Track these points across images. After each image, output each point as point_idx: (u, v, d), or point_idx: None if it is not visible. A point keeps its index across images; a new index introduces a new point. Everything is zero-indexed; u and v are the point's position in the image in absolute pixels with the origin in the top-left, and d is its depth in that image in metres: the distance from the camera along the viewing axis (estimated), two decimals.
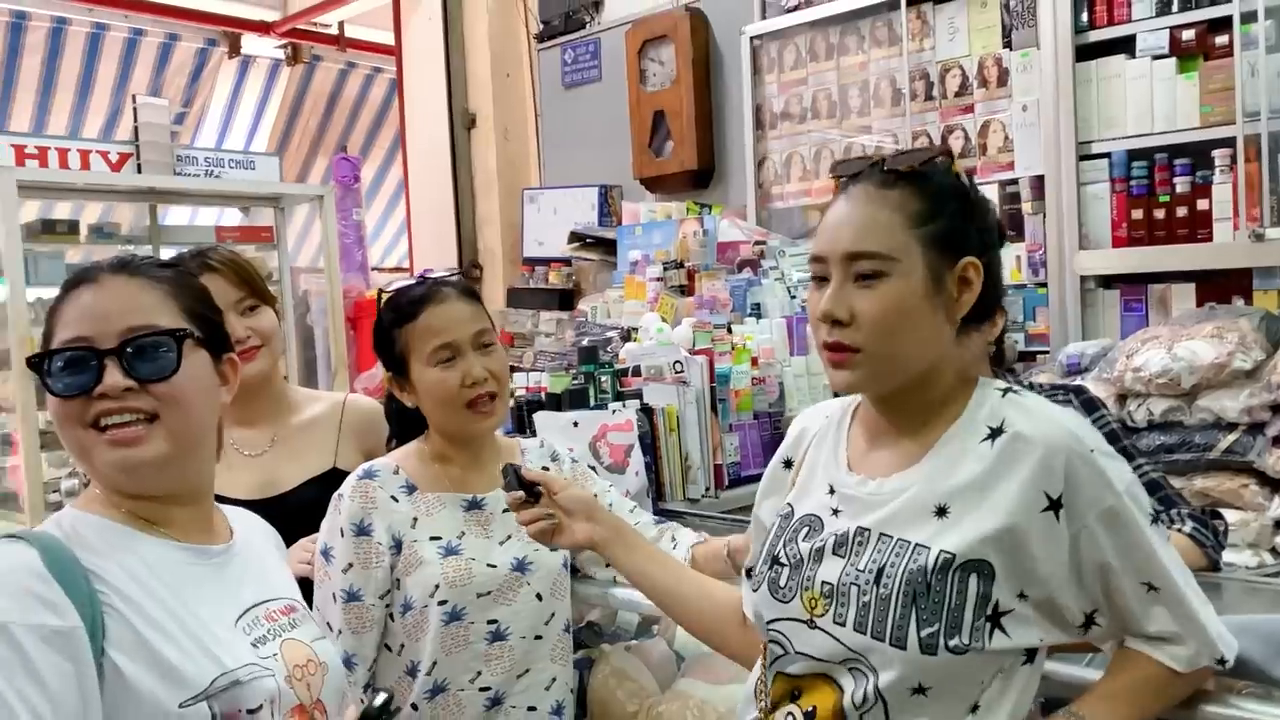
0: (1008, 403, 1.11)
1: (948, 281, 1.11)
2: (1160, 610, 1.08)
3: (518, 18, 4.82)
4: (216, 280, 1.84)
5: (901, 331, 1.10)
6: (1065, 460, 1.05)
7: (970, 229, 1.12)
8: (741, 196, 3.80)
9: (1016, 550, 1.05)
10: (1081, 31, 2.89)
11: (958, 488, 1.08)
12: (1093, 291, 2.91)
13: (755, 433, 2.62)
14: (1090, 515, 1.05)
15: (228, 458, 1.83)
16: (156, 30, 6.28)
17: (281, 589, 1.22)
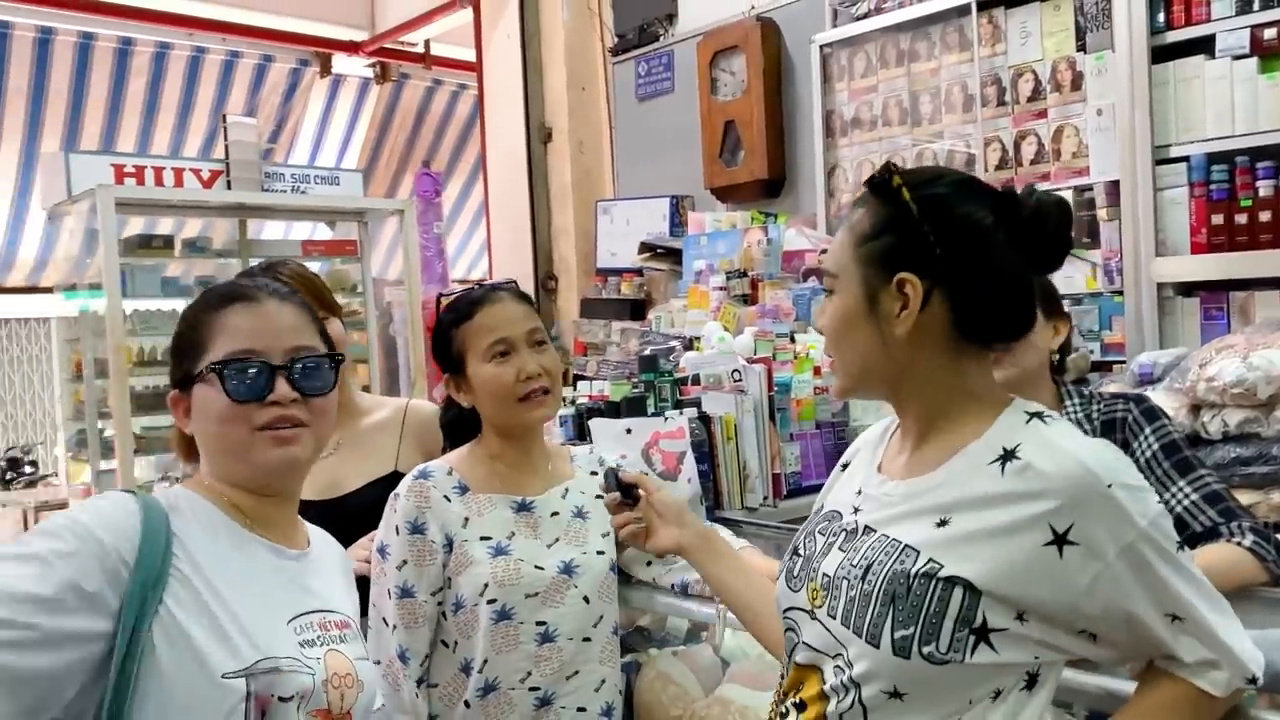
0: (1030, 429, 1.08)
1: (883, 296, 1.11)
2: (1188, 639, 1.05)
3: (593, 33, 4.89)
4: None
5: (843, 342, 1.15)
6: (1077, 496, 1.01)
7: (915, 246, 1.09)
8: (812, 205, 3.78)
9: (1009, 581, 1.02)
10: (1158, 33, 2.81)
11: (962, 502, 1.06)
12: (1171, 300, 2.82)
13: (818, 442, 2.61)
14: (1111, 552, 1.01)
15: None
16: (252, 52, 6.56)
17: (342, 605, 1.29)
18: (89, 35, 5.92)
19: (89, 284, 3.81)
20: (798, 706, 1.14)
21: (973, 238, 1.09)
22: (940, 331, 1.10)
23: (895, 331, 1.10)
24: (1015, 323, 1.14)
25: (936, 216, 1.09)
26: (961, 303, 1.09)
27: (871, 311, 1.11)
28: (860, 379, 1.17)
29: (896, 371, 1.13)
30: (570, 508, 1.76)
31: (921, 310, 1.09)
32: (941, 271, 1.09)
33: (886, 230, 1.11)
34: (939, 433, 1.13)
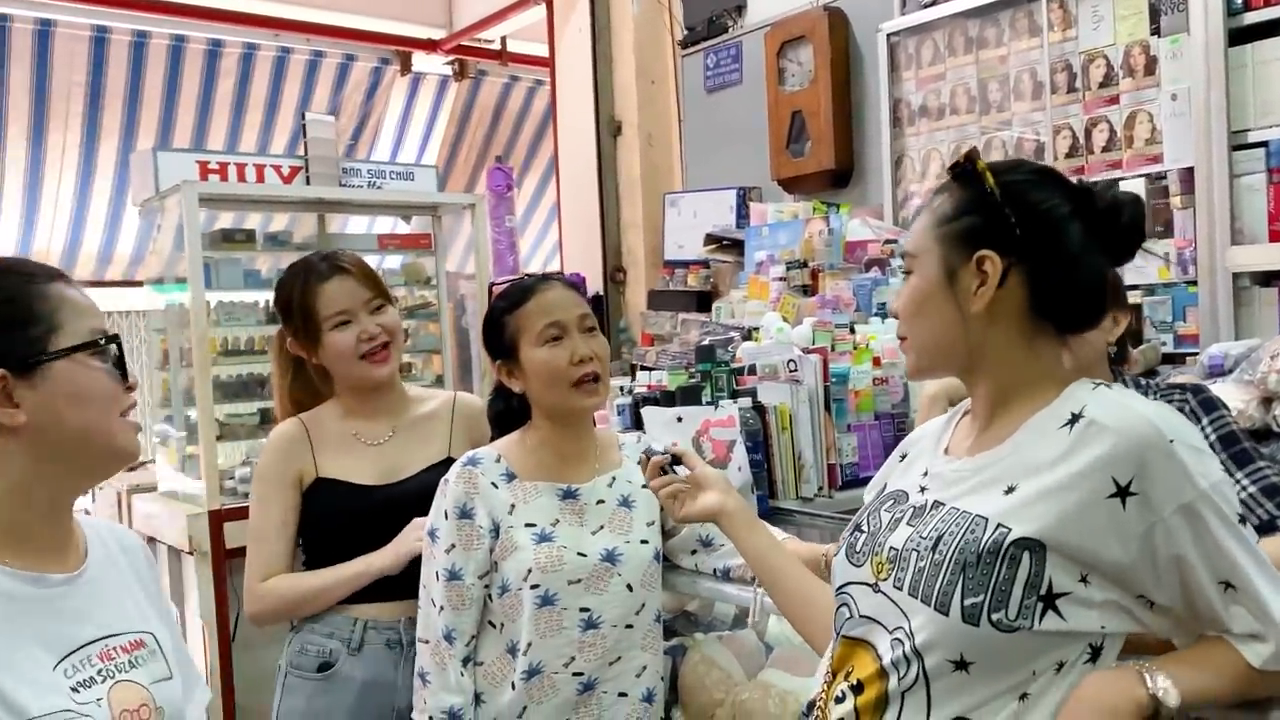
0: (1094, 394, 1.11)
1: (962, 274, 1.15)
2: (1239, 610, 1.06)
3: (663, 26, 4.91)
4: (348, 281, 1.99)
5: (919, 320, 1.20)
6: (1139, 449, 1.03)
7: (995, 226, 1.14)
8: (879, 195, 3.75)
9: (1076, 534, 1.04)
10: (1236, 14, 2.72)
11: (1029, 468, 1.09)
12: (1247, 290, 2.72)
13: (876, 433, 2.60)
14: (1167, 508, 1.03)
15: (351, 446, 2.01)
16: (335, 52, 6.73)
17: (132, 622, 1.15)
18: (180, 38, 6.16)
19: (176, 277, 3.98)
20: (854, 689, 1.15)
21: (1050, 223, 1.14)
22: (1016, 311, 1.15)
23: (973, 308, 1.15)
24: (1088, 309, 1.18)
25: (1017, 200, 1.15)
26: (1038, 284, 1.14)
27: (950, 288, 1.17)
28: (935, 356, 1.21)
29: (971, 349, 1.17)
30: (616, 496, 1.79)
31: (999, 287, 1.14)
32: (1020, 251, 1.14)
33: (968, 211, 1.17)
34: (1008, 410, 1.17)
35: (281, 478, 1.97)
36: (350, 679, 1.91)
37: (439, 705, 1.66)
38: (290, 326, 2.01)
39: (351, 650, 1.92)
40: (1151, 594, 1.07)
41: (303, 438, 2.00)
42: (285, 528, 1.96)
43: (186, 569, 3.86)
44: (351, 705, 1.90)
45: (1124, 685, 1.05)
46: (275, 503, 1.97)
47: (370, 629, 1.93)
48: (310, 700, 1.93)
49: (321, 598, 1.94)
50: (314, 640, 1.94)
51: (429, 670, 1.69)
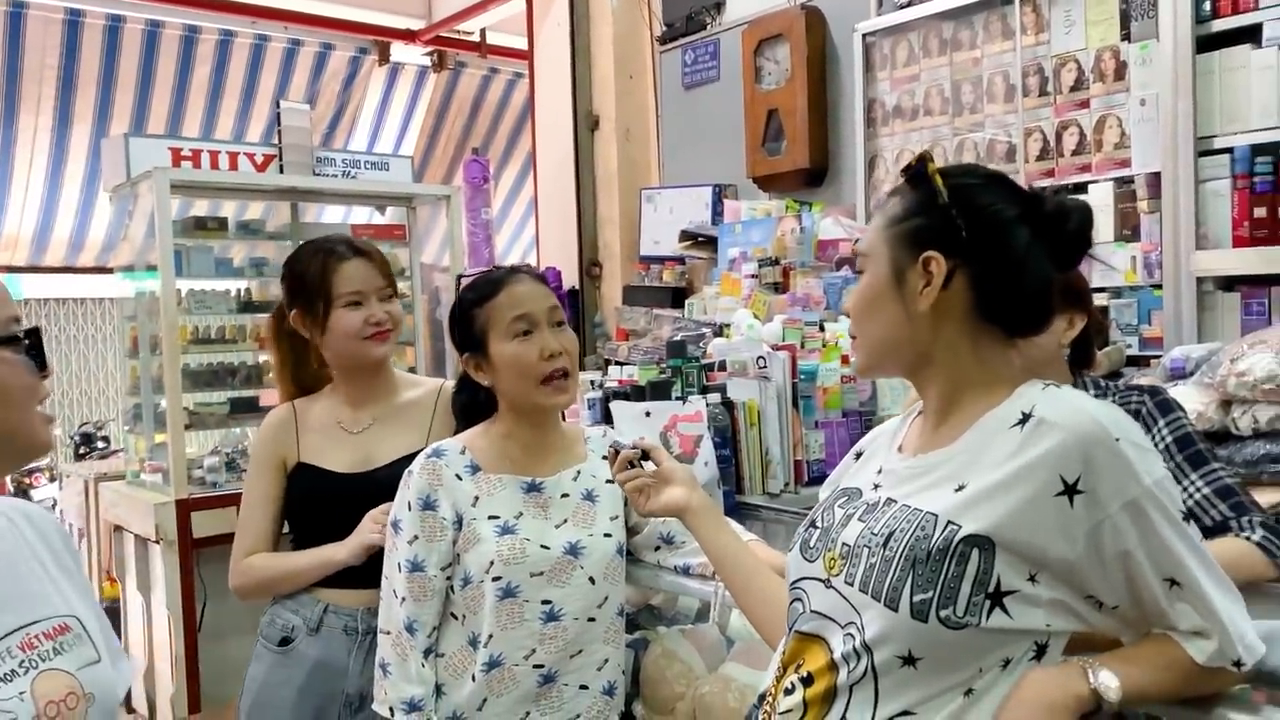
0: (1044, 394, 1.13)
1: (909, 274, 1.17)
2: (1184, 607, 1.08)
3: (641, 21, 4.91)
4: (368, 265, 2.06)
5: (868, 318, 1.22)
6: (1086, 446, 1.05)
7: (942, 228, 1.16)
8: (853, 194, 3.77)
9: (1024, 531, 1.06)
10: (1204, 21, 2.75)
11: (979, 466, 1.11)
12: (1211, 294, 2.76)
13: (843, 430, 2.62)
14: (1114, 505, 1.05)
15: (332, 432, 2.05)
16: (313, 40, 6.69)
17: (56, 605, 1.10)
18: (156, 23, 6.11)
19: (147, 265, 3.95)
20: (804, 681, 1.17)
21: (997, 227, 1.16)
22: (961, 312, 1.17)
23: (919, 307, 1.17)
24: (1032, 314, 1.19)
25: (965, 203, 1.16)
26: (982, 286, 1.16)
27: (898, 288, 1.18)
28: (882, 354, 1.23)
29: (918, 348, 1.19)
30: (581, 490, 1.79)
31: (944, 288, 1.15)
32: (965, 253, 1.15)
33: (917, 213, 1.18)
34: (959, 409, 1.18)
35: (267, 460, 2.06)
36: (305, 656, 1.97)
37: (399, 696, 1.67)
38: (300, 301, 2.05)
39: (310, 630, 1.98)
40: (1098, 593, 1.08)
41: (289, 422, 2.08)
42: (268, 507, 2.05)
43: (153, 558, 3.84)
44: (302, 682, 1.96)
45: (1066, 680, 1.07)
46: (259, 484, 2.06)
47: (331, 612, 1.98)
48: (270, 671, 2.00)
49: (289, 581, 2.01)
50: (282, 615, 2.01)
51: (390, 661, 1.69)
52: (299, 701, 1.96)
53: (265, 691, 2.00)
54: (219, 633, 3.80)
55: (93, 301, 9.48)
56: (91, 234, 6.99)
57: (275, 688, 1.98)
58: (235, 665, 3.83)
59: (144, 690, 4.09)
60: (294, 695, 1.96)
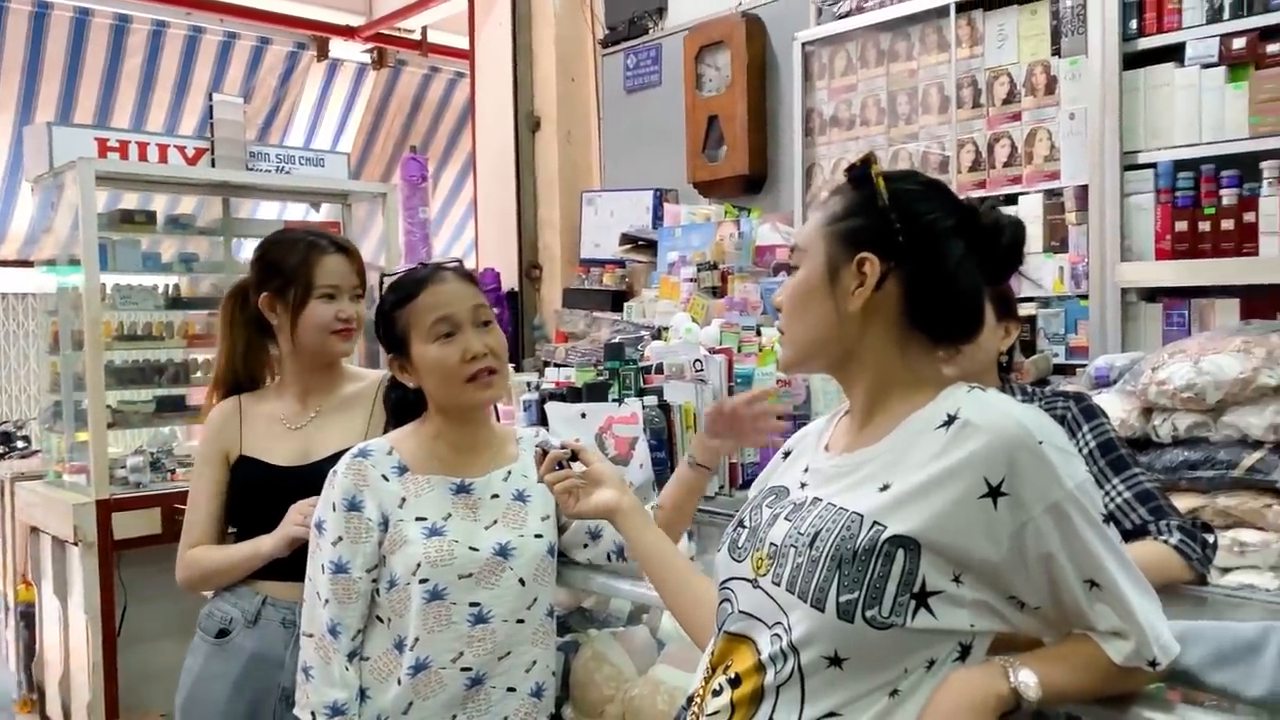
0: (969, 396, 1.14)
1: (843, 273, 1.17)
2: (1103, 608, 1.10)
3: (584, 24, 4.90)
4: (348, 262, 2.08)
5: (799, 313, 1.21)
6: (1010, 449, 1.06)
7: (880, 230, 1.16)
8: (791, 201, 3.80)
9: (949, 532, 1.07)
10: (1130, 39, 2.83)
11: (904, 467, 1.11)
12: (1134, 305, 2.83)
13: (778, 434, 2.63)
14: (1037, 508, 1.06)
15: (274, 427, 2.05)
16: (249, 34, 6.57)
17: None
18: (85, 11, 5.94)
19: (71, 258, 3.84)
20: (731, 682, 1.17)
21: (933, 234, 1.16)
22: (891, 314, 1.17)
23: (850, 307, 1.17)
24: (961, 322, 1.20)
25: (904, 207, 1.16)
26: (913, 291, 1.16)
27: (831, 285, 1.18)
28: (809, 350, 1.23)
29: (845, 346, 1.19)
30: (511, 490, 1.77)
31: (876, 289, 1.16)
32: (900, 257, 1.16)
33: (856, 213, 1.18)
34: (884, 409, 1.19)
35: (212, 454, 2.08)
36: (241, 649, 1.97)
37: (322, 700, 1.63)
38: (274, 286, 2.05)
39: (248, 622, 1.98)
40: (1021, 594, 1.10)
41: (235, 415, 2.09)
42: (211, 501, 2.06)
43: (71, 560, 3.72)
44: (238, 675, 1.96)
45: (987, 680, 1.08)
46: (204, 476, 2.08)
47: (269, 605, 1.98)
48: (205, 663, 2.00)
49: (225, 574, 2.02)
50: (221, 607, 2.02)
51: (313, 664, 1.65)
52: (234, 694, 1.95)
53: (200, 684, 1.98)
54: (139, 638, 3.70)
55: (14, 296, 9.18)
56: (14, 225, 6.76)
57: (211, 680, 1.98)
58: (155, 671, 3.75)
59: (60, 697, 3.96)
60: (229, 687, 1.95)
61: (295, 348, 2.07)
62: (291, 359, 2.09)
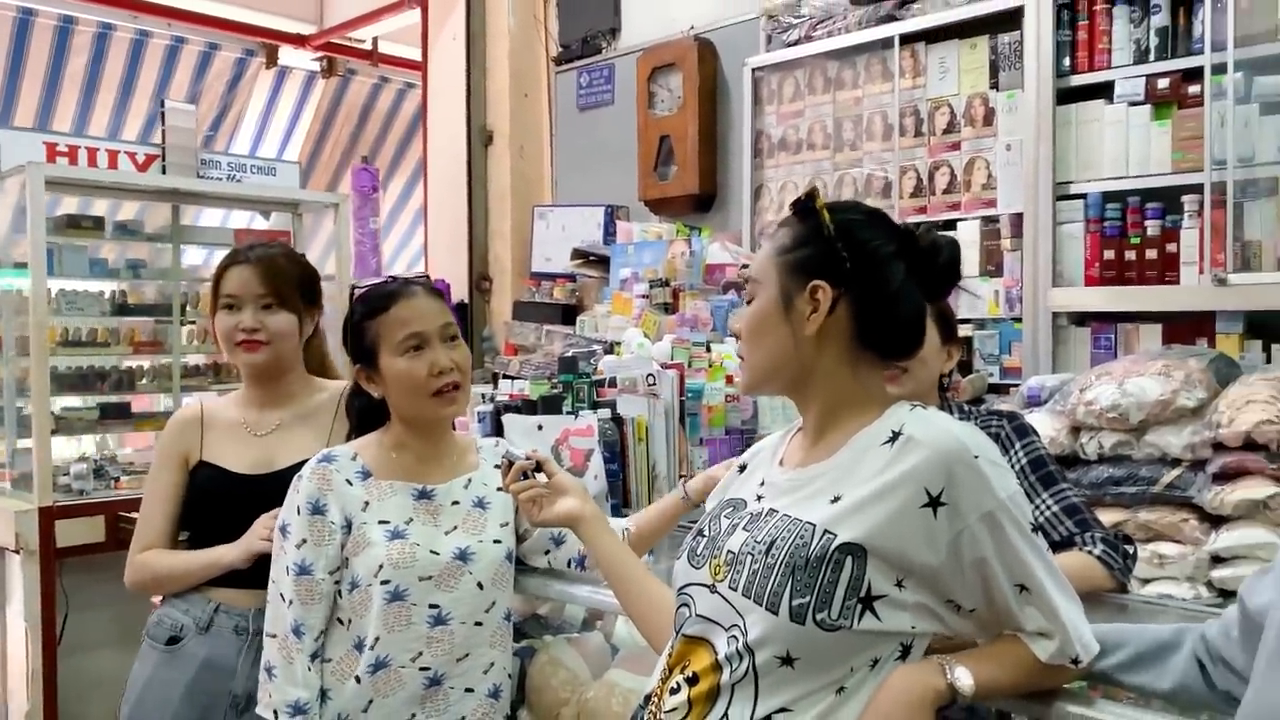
0: (912, 414, 1.23)
1: (797, 300, 1.26)
2: (1032, 610, 1.19)
3: (538, 41, 4.97)
4: (252, 273, 2.06)
5: (757, 339, 1.29)
6: (949, 463, 1.15)
7: (828, 259, 1.25)
8: (739, 221, 3.91)
9: (894, 539, 1.15)
10: (1064, 76, 2.99)
11: (853, 480, 1.20)
12: (1065, 328, 2.98)
13: (726, 448, 2.71)
14: (972, 516, 1.15)
15: (237, 434, 2.07)
16: (197, 39, 6.51)
17: None
18: (29, 11, 5.85)
19: (15, 263, 3.79)
20: (689, 680, 1.24)
21: (876, 260, 1.25)
22: (842, 337, 1.26)
23: (804, 332, 1.25)
24: (906, 339, 1.29)
25: (849, 237, 1.25)
26: (862, 313, 1.25)
27: (786, 312, 1.26)
28: (767, 374, 1.30)
29: (801, 369, 1.27)
30: (472, 497, 1.82)
31: (829, 315, 1.24)
32: (848, 284, 1.24)
33: (805, 244, 1.27)
34: (835, 426, 1.27)
35: (171, 456, 2.07)
36: (193, 656, 1.96)
37: (284, 699, 1.67)
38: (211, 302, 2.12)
39: (200, 629, 1.98)
40: (957, 597, 1.19)
41: (196, 421, 2.10)
42: (167, 504, 2.05)
43: (10, 568, 3.67)
44: (189, 681, 1.95)
45: (925, 676, 1.17)
46: (161, 479, 2.07)
47: (222, 612, 1.98)
48: (155, 670, 1.99)
49: (179, 580, 2.01)
50: (171, 614, 2.01)
51: (275, 664, 1.69)
52: (184, 701, 1.95)
53: (150, 691, 1.98)
54: (80, 647, 3.65)
55: None
56: None
57: (160, 687, 1.97)
58: (96, 681, 3.70)
59: None
60: (179, 694, 1.95)
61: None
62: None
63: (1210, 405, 2.26)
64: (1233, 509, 2.16)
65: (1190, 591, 2.23)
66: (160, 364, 4.25)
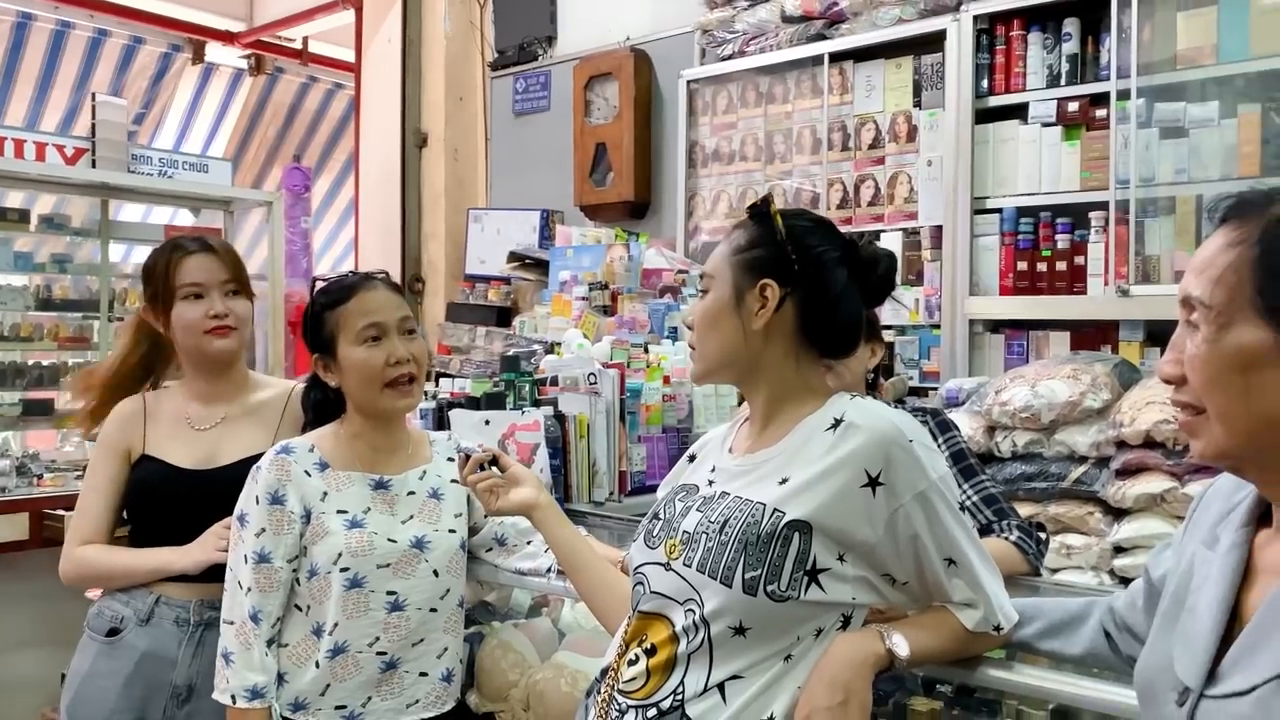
0: (852, 402, 1.34)
1: (748, 296, 1.37)
2: (959, 582, 1.31)
3: (474, 46, 5.02)
4: (209, 259, 2.07)
5: (709, 331, 1.40)
6: (886, 445, 1.26)
7: (779, 260, 1.36)
8: (673, 228, 4.02)
9: (836, 517, 1.25)
10: (982, 96, 3.16)
11: (800, 463, 1.30)
12: (980, 335, 3.16)
13: (663, 445, 2.81)
14: (907, 496, 1.26)
15: (180, 428, 2.07)
16: (121, 32, 6.39)
17: None
18: None
19: None
20: (647, 652, 1.32)
21: (822, 264, 1.36)
22: (787, 332, 1.36)
23: (753, 325, 1.36)
24: (845, 339, 1.40)
25: (798, 241, 1.36)
26: (807, 312, 1.36)
27: (737, 307, 1.36)
28: (719, 363, 1.40)
29: (750, 360, 1.38)
30: (427, 488, 1.88)
31: (776, 311, 1.35)
32: (796, 283, 1.35)
33: (758, 245, 1.37)
34: (781, 415, 1.37)
35: (113, 448, 2.05)
36: (133, 648, 1.96)
37: (242, 683, 1.70)
38: (148, 292, 2.08)
39: (140, 620, 1.97)
40: (892, 570, 1.30)
41: (139, 414, 2.07)
42: (107, 498, 2.04)
43: None
44: (129, 673, 1.96)
45: (866, 642, 1.28)
46: (101, 472, 2.05)
47: (163, 604, 1.98)
48: (94, 662, 1.98)
49: (122, 578, 2.00)
50: (111, 606, 2.00)
51: (233, 650, 1.72)
52: (124, 691, 1.95)
53: (89, 683, 1.97)
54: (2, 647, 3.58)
55: None
56: None
57: (99, 678, 1.97)
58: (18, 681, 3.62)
59: None
60: (119, 685, 1.95)
61: (181, 352, 2.09)
62: (185, 363, 2.12)
63: (1114, 406, 2.44)
64: (1133, 502, 2.35)
65: (1095, 580, 2.40)
66: (86, 361, 4.18)
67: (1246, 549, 1.02)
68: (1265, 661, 0.92)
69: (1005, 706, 1.54)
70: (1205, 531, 1.09)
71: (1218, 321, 0.96)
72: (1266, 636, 0.93)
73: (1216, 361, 0.96)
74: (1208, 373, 0.97)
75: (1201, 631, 1.00)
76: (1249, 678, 0.93)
